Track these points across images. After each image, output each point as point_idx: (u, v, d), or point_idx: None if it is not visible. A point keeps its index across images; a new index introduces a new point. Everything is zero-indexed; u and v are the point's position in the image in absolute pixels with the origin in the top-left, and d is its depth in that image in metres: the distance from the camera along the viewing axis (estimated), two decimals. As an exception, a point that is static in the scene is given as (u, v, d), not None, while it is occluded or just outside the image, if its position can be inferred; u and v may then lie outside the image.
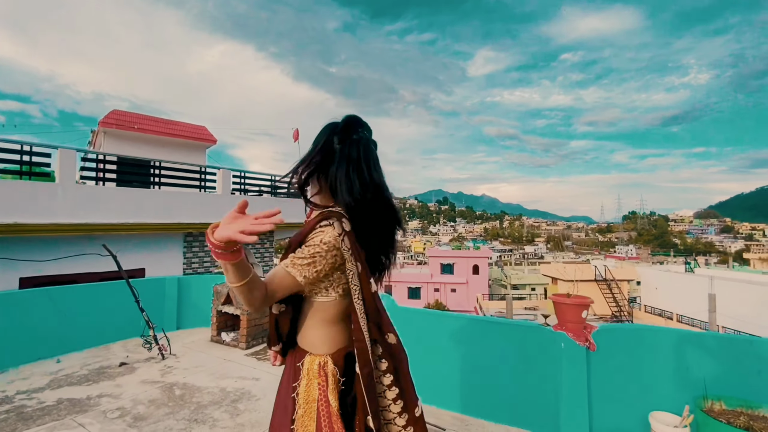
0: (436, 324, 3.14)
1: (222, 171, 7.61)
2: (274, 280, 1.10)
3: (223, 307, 4.61)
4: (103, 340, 4.53)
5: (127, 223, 6.11)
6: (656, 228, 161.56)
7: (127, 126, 10.73)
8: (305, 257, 1.12)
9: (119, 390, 3.31)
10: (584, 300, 2.61)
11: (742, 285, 20.34)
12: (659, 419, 2.55)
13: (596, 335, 2.64)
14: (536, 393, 2.73)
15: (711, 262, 67.22)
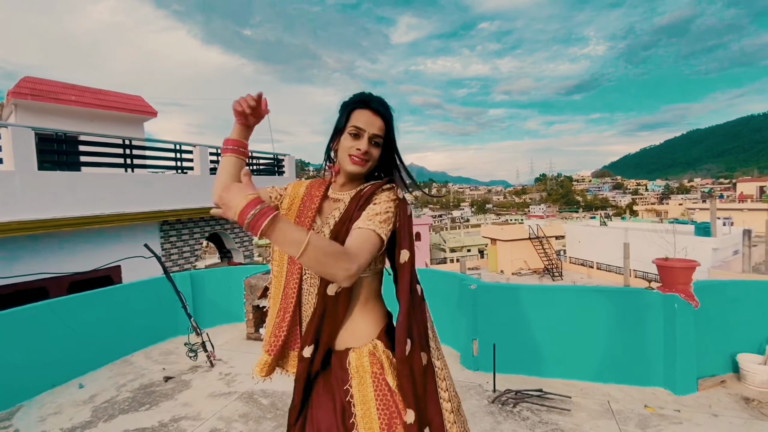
0: (543, 297, 3.17)
1: (199, 148, 6.64)
2: (357, 243, 0.96)
3: (260, 301, 4.16)
4: (120, 353, 3.85)
5: (103, 214, 5.13)
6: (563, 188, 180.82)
7: (47, 97, 8.83)
8: (381, 213, 1.03)
9: (192, 410, 2.86)
10: (692, 263, 2.79)
11: (646, 233, 23.83)
12: (747, 359, 2.90)
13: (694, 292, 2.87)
14: (642, 352, 2.92)
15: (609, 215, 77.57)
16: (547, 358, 3.13)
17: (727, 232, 22.41)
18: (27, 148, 4.36)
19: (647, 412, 2.60)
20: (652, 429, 2.42)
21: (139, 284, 4.16)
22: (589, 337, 3.03)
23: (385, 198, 1.09)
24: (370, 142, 1.14)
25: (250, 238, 8.42)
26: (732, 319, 3.00)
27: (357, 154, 1.13)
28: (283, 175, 8.86)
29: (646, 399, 2.76)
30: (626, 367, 2.96)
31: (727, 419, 2.48)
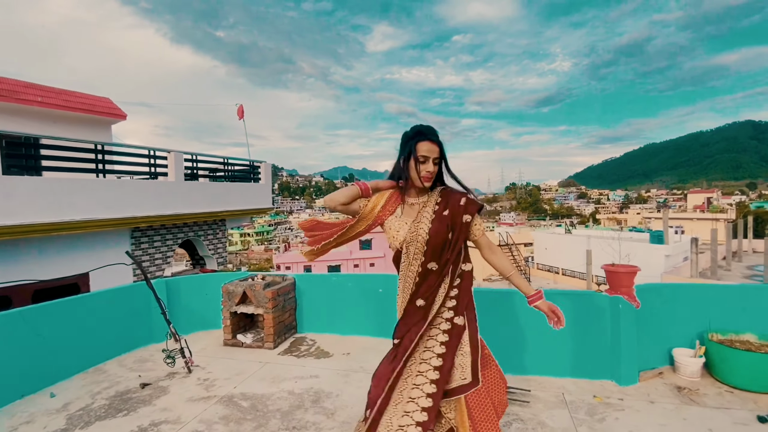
0: (508, 301, 3.44)
1: (174, 154, 6.60)
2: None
3: (237, 308, 4.23)
4: (91, 363, 3.81)
5: (72, 221, 5.04)
6: (531, 197, 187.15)
7: (6, 96, 8.47)
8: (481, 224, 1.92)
9: (172, 414, 2.92)
10: (634, 268, 3.15)
11: (607, 241, 25.21)
12: (680, 353, 3.29)
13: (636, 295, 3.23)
14: (593, 347, 3.25)
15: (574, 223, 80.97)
16: (510, 357, 3.40)
17: (677, 240, 23.98)
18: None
19: (596, 402, 2.91)
20: (598, 416, 2.72)
21: (111, 292, 4.13)
22: (547, 337, 3.33)
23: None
24: (433, 163, 1.73)
25: (224, 246, 8.36)
26: (668, 317, 3.39)
27: (427, 175, 1.73)
28: (259, 182, 8.88)
29: (595, 390, 3.08)
30: (579, 362, 3.28)
31: (662, 405, 2.82)
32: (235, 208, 7.96)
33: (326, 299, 4.54)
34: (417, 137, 1.71)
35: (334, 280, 4.54)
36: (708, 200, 44.09)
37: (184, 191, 6.72)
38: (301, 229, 2.14)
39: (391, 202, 1.81)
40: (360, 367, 3.65)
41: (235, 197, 8.01)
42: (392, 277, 4.36)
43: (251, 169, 8.76)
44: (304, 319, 4.61)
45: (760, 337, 3.21)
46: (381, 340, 4.28)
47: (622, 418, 2.69)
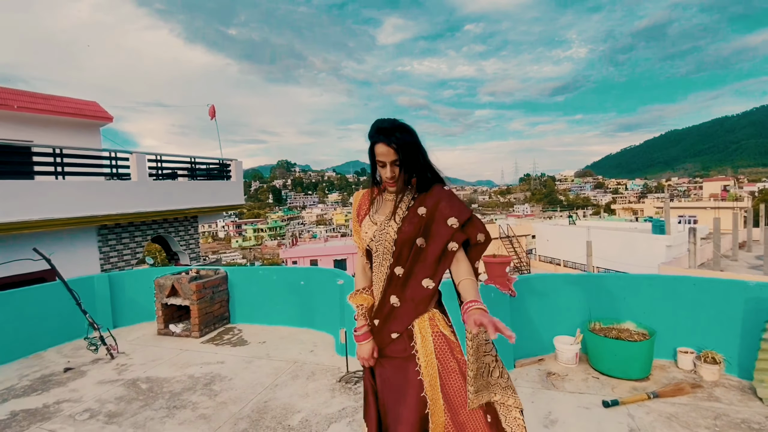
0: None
1: (135, 155, 6.96)
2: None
3: (168, 300, 4.54)
4: (34, 349, 4.18)
5: (32, 220, 5.43)
6: (546, 187, 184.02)
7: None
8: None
9: (77, 394, 3.24)
10: (507, 258, 3.30)
11: (610, 232, 24.83)
12: (560, 341, 3.42)
13: (516, 285, 3.37)
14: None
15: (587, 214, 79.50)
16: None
17: (681, 230, 23.42)
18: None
19: (461, 386, 3.08)
20: (454, 398, 2.90)
21: (52, 285, 4.49)
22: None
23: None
24: (392, 165, 1.44)
25: (196, 241, 8.75)
26: (553, 307, 3.52)
27: (388, 181, 1.48)
28: (230, 179, 9.21)
29: (470, 375, 3.25)
30: (460, 349, 3.45)
31: (520, 389, 2.98)
32: (205, 205, 8.31)
33: (255, 292, 4.81)
34: (373, 138, 1.43)
35: (260, 273, 4.80)
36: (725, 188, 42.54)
37: (146, 190, 7.08)
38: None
39: (366, 200, 1.63)
40: (266, 354, 3.91)
41: (205, 195, 8.36)
42: (313, 270, 4.60)
43: (221, 167, 9.11)
44: (236, 310, 4.90)
45: (638, 325, 3.31)
46: (299, 330, 4.53)
47: (475, 400, 2.86)
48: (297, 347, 4.07)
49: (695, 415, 2.55)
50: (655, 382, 3.00)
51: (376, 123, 1.45)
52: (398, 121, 1.43)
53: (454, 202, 1.49)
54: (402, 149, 1.40)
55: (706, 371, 3.00)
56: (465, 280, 1.42)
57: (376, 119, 1.47)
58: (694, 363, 3.12)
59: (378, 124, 1.44)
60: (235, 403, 2.98)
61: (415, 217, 1.47)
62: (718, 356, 2.99)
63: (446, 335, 1.46)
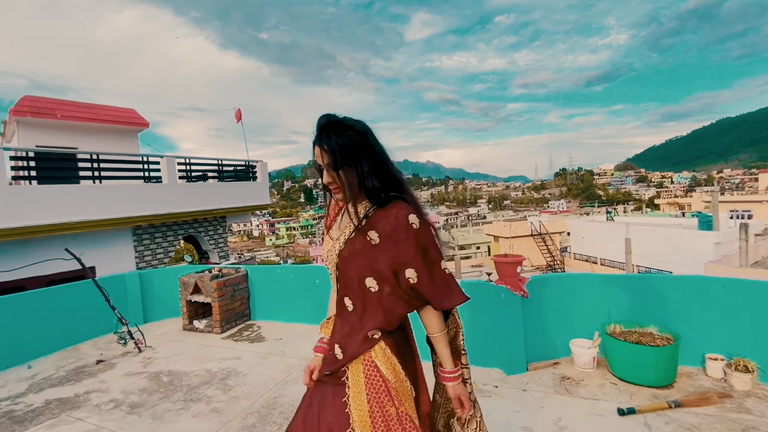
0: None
1: (166, 159, 7.33)
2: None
3: (192, 297, 4.74)
4: (71, 342, 4.51)
5: (72, 221, 5.84)
6: (583, 182, 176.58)
7: (45, 113, 9.73)
8: None
9: (105, 385, 3.45)
10: (518, 258, 3.19)
11: (652, 228, 23.50)
12: (577, 344, 3.28)
13: (529, 285, 3.26)
14: (484, 336, 3.34)
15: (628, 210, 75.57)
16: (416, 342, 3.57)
17: (732, 226, 21.84)
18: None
19: (469, 388, 3.02)
20: (460, 400, 2.84)
21: (90, 282, 4.80)
22: (443, 325, 3.46)
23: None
24: (329, 170, 1.15)
25: (225, 240, 9.08)
26: (570, 308, 3.37)
27: (331, 188, 1.19)
28: (256, 180, 9.50)
29: (481, 377, 3.18)
30: (469, 349, 3.37)
31: (531, 394, 2.89)
32: (232, 205, 8.62)
33: (273, 289, 4.93)
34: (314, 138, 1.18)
35: (278, 272, 4.92)
36: (784, 180, 39.05)
37: (177, 192, 7.43)
38: None
39: (336, 208, 1.35)
40: (281, 351, 4.00)
41: (233, 196, 8.67)
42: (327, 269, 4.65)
43: (247, 169, 9.40)
44: (256, 308, 5.05)
45: (661, 330, 3.12)
46: (315, 327, 4.60)
47: (482, 402, 2.77)
48: (311, 344, 4.12)
49: (720, 427, 2.37)
50: (679, 391, 2.81)
51: (319, 120, 1.18)
52: (335, 118, 1.16)
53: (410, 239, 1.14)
54: (336, 153, 1.12)
55: (737, 380, 2.77)
56: (435, 337, 1.24)
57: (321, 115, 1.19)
58: (724, 371, 2.89)
59: (319, 121, 1.18)
60: (246, 398, 3.08)
61: (361, 242, 1.17)
62: (751, 364, 2.76)
63: (387, 379, 1.16)
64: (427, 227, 1.17)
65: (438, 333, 1.25)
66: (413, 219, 1.15)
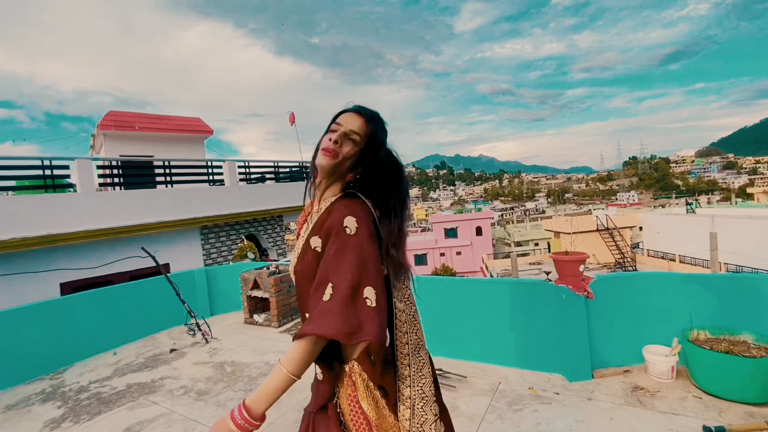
0: (453, 288, 3.51)
1: (228, 163, 7.82)
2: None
3: (252, 292, 5.00)
4: (150, 332, 4.97)
5: (148, 222, 6.43)
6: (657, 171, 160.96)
7: (126, 126, 10.84)
8: None
9: (177, 372, 3.75)
10: (580, 255, 2.94)
11: (743, 221, 20.78)
12: (652, 351, 2.95)
13: (594, 285, 3.00)
14: (543, 339, 3.13)
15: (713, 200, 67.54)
16: (460, 342, 3.46)
17: None
18: (88, 175, 5.76)
19: (527, 393, 2.85)
20: (517, 406, 2.69)
21: (163, 278, 5.26)
22: (495, 326, 3.30)
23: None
24: (346, 137, 1.05)
25: (282, 238, 9.51)
26: (643, 311, 3.05)
27: (328, 145, 1.04)
28: (310, 180, 9.85)
29: (540, 382, 2.99)
30: (527, 354, 3.19)
31: (598, 404, 2.65)
32: (289, 205, 8.99)
33: (327, 286, 5.04)
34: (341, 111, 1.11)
35: (330, 269, 5.02)
36: None
37: (238, 193, 7.90)
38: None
39: (305, 213, 1.19)
40: (334, 346, 4.08)
41: (289, 196, 9.04)
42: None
43: (302, 169, 9.75)
44: (311, 304, 5.20)
45: (757, 338, 2.71)
46: (367, 324, 4.63)
47: (541, 411, 2.62)
48: (363, 341, 4.17)
49: (839, 456, 1.99)
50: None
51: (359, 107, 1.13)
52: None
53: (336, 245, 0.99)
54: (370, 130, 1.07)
55: None
56: (279, 368, 1.00)
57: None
58: (843, 389, 2.44)
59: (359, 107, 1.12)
60: (300, 391, 3.15)
61: (310, 252, 1.05)
62: None
63: (368, 417, 1.05)
64: (365, 237, 0.98)
65: (286, 369, 0.97)
66: (349, 222, 0.98)
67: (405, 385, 1.08)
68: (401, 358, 1.09)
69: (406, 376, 1.09)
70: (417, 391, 1.09)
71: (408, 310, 1.13)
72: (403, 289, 1.14)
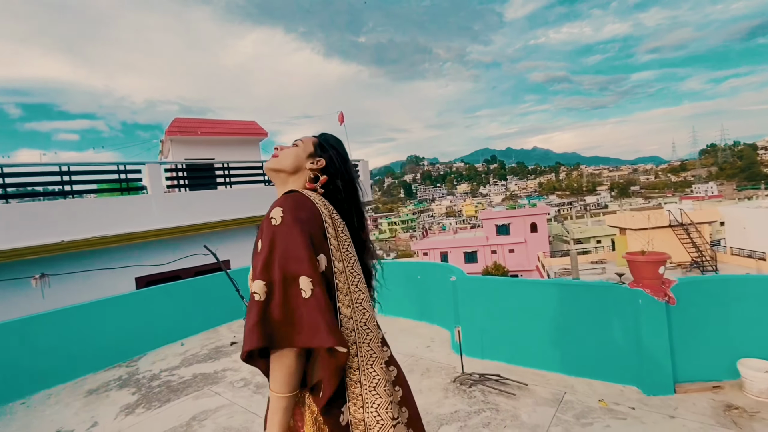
0: (513, 290, 3.31)
1: (281, 163, 8.09)
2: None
3: (305, 289, 5.11)
4: (212, 324, 5.26)
5: (210, 221, 6.83)
6: (741, 159, 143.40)
7: (189, 131, 11.63)
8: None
9: (237, 365, 3.92)
10: (660, 256, 2.62)
11: None
12: (749, 366, 2.56)
13: (676, 289, 2.66)
14: (615, 348, 2.84)
15: (813, 191, 58.74)
16: (521, 348, 3.25)
17: None
18: (157, 178, 6.23)
19: (597, 406, 2.60)
20: (586, 420, 2.46)
21: (224, 274, 5.54)
22: (562, 332, 3.05)
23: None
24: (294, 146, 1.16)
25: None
26: (737, 320, 2.66)
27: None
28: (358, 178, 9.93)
29: (610, 395, 2.71)
30: (598, 363, 2.91)
31: (682, 422, 2.34)
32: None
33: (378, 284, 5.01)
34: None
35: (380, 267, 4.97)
36: None
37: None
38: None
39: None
40: (385, 345, 4.03)
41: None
42: (428, 264, 4.55)
43: (351, 167, 9.83)
44: (361, 301, 5.21)
45: None
46: (418, 323, 4.54)
47: (615, 427, 2.37)
48: (415, 341, 4.08)
49: None
50: None
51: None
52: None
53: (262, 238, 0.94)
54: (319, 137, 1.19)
55: None
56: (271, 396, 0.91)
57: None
58: None
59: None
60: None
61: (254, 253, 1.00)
62: None
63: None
64: (292, 228, 0.91)
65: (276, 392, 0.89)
66: (275, 213, 0.94)
67: (357, 406, 0.96)
68: (349, 373, 0.96)
69: (357, 395, 0.96)
70: (371, 413, 0.95)
71: (357, 316, 0.99)
72: (355, 293, 1.00)
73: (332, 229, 1.00)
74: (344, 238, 1.03)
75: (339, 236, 1.01)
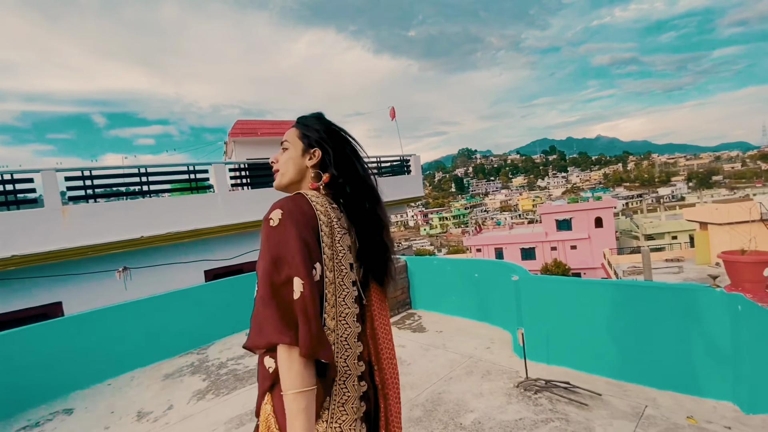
0: (584, 291, 3.06)
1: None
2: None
3: (360, 285, 5.15)
4: (245, 327, 5.49)
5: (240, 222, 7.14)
6: None
7: (250, 133, 12.28)
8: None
9: (296, 357, 4.04)
10: (765, 256, 2.26)
11: None
12: None
13: (787, 294, 2.28)
14: (706, 358, 2.51)
15: None
16: (594, 355, 2.99)
17: None
18: (222, 177, 6.62)
19: (685, 423, 2.31)
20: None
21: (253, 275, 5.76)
22: (644, 341, 2.76)
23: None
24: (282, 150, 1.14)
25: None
26: None
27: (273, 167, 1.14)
28: (410, 173, 9.81)
29: (700, 411, 2.40)
30: (685, 374, 2.59)
31: (798, 450, 2.00)
32: (390, 199, 9.11)
33: (432, 281, 4.92)
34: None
35: (435, 263, 4.88)
36: None
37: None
38: None
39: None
40: (442, 344, 3.93)
41: (389, 189, 9.16)
42: (486, 262, 4.38)
43: (402, 163, 9.76)
44: (416, 297, 5.14)
45: None
46: (476, 323, 4.38)
47: (709, 449, 2.08)
48: (473, 341, 3.94)
49: None
50: None
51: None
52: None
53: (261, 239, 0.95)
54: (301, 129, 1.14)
55: None
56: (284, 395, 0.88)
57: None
58: None
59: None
60: (412, 389, 3.11)
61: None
62: None
63: None
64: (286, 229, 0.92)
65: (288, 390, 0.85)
66: (274, 215, 0.95)
67: (321, 419, 0.94)
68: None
69: (324, 408, 0.94)
70: (334, 428, 0.94)
71: (339, 331, 0.97)
72: (341, 306, 0.98)
73: (328, 237, 0.99)
74: (340, 249, 1.01)
75: (335, 246, 1.00)
